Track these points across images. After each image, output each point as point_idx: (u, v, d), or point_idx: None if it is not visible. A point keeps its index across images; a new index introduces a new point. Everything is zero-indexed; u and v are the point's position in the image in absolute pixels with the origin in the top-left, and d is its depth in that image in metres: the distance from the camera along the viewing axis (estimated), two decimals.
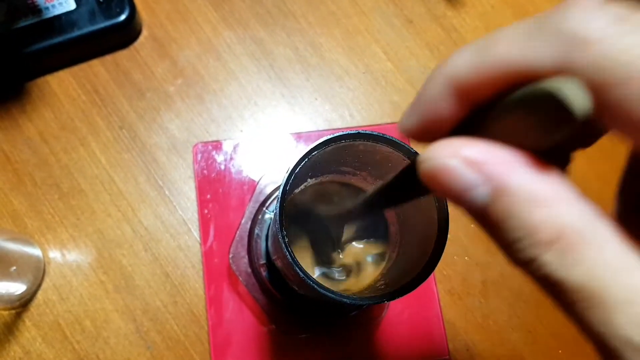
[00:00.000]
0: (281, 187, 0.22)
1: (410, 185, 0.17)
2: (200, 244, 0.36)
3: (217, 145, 0.37)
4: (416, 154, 0.23)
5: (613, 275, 0.11)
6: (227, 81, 0.40)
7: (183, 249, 0.37)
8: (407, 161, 0.24)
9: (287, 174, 0.22)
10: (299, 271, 0.21)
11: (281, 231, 0.21)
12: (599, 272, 0.11)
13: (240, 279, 0.33)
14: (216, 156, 0.37)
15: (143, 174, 0.38)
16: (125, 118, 0.38)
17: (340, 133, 0.23)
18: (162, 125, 0.39)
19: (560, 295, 0.12)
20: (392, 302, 0.36)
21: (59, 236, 0.36)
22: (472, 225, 0.40)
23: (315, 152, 0.23)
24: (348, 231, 0.31)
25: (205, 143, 0.38)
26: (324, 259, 0.31)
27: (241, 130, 0.39)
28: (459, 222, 0.40)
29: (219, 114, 0.39)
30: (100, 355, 0.35)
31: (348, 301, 0.21)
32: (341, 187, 0.31)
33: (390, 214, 0.30)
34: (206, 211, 0.36)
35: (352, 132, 0.23)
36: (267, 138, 0.39)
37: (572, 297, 0.11)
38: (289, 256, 0.21)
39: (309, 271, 0.29)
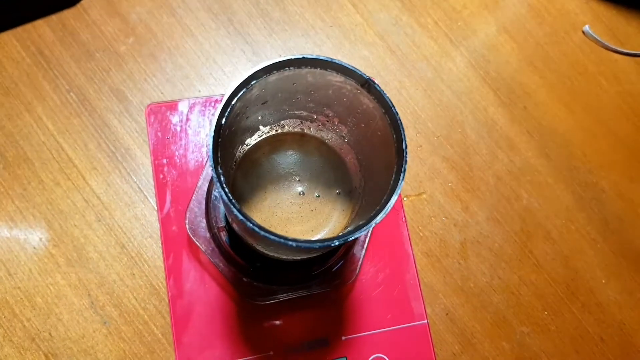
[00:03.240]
0: (216, 116, 0.19)
1: None
2: (157, 212, 0.34)
3: (171, 106, 0.35)
4: (370, 80, 0.21)
5: None
6: (182, 38, 0.37)
7: (139, 217, 0.34)
8: (360, 91, 0.21)
9: (223, 104, 0.20)
10: (233, 208, 0.18)
11: (216, 169, 0.19)
12: None
13: (199, 245, 0.31)
14: (171, 117, 0.35)
15: (94, 139, 0.35)
16: (74, 81, 0.36)
17: (282, 58, 0.20)
18: (113, 87, 0.36)
19: None
20: (364, 265, 0.34)
21: (5, 208, 0.34)
22: (449, 184, 0.37)
23: (255, 82, 0.20)
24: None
25: (159, 104, 0.35)
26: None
27: (199, 90, 0.36)
28: (435, 180, 0.37)
29: (175, 74, 0.37)
30: (52, 332, 0.32)
31: (294, 244, 0.19)
32: (301, 138, 0.29)
33: (353, 164, 0.28)
34: (161, 176, 0.34)
35: (295, 56, 0.20)
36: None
37: None
38: (222, 193, 0.19)
39: None
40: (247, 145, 0.27)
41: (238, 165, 0.28)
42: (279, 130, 0.28)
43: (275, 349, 0.32)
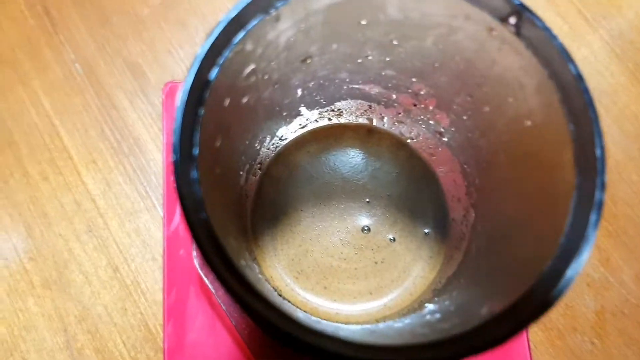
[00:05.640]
0: (197, 61, 0.10)
1: None
2: (164, 226, 0.25)
3: None
4: (522, 7, 0.10)
5: None
6: (221, 2, 0.29)
7: (141, 232, 0.25)
8: (496, 32, 0.11)
9: (212, 40, 0.10)
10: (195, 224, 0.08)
11: (181, 149, 0.09)
12: None
13: (207, 281, 0.21)
14: None
15: (97, 124, 0.27)
16: (82, 49, 0.28)
17: None
18: (128, 59, 0.28)
19: None
20: None
21: None
22: None
23: (282, 4, 0.10)
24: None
25: (181, 82, 0.26)
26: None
27: None
28: None
29: None
30: None
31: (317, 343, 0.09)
32: (367, 134, 0.18)
33: (453, 180, 0.17)
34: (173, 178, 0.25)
35: None
36: None
37: None
38: (179, 189, 0.09)
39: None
40: (280, 139, 0.18)
41: (266, 169, 0.18)
42: (334, 119, 0.18)
43: None
